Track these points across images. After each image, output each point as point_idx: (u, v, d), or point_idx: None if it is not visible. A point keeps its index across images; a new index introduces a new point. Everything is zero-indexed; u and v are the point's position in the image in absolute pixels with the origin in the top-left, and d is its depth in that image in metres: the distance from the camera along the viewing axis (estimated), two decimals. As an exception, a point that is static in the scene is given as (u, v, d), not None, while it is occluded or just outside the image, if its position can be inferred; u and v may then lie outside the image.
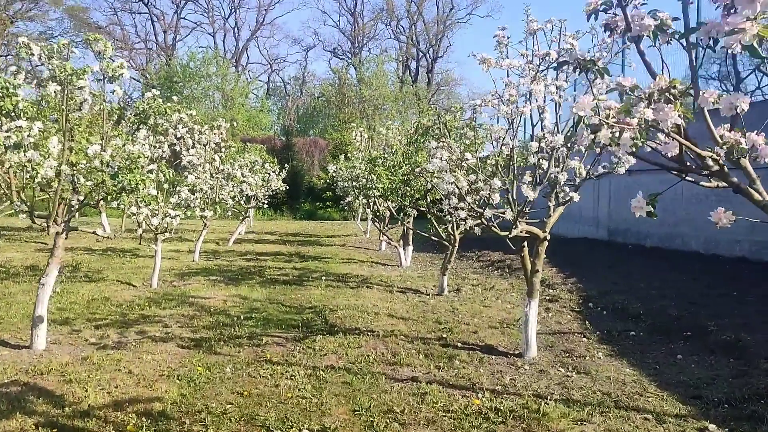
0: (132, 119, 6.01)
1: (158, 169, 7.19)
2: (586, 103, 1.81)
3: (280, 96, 52.17)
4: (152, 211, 8.56)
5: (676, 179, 7.67)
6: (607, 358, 5.57)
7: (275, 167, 18.36)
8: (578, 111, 1.83)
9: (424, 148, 9.17)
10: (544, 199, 5.29)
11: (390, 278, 10.57)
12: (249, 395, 4.40)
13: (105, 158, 5.33)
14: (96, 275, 10.01)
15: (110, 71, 5.45)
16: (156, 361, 5.20)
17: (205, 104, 39.00)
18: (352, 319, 7.09)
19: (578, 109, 1.83)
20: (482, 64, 4.74)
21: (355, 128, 14.06)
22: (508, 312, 7.67)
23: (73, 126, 5.52)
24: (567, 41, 4.86)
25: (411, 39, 50.77)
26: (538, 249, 5.65)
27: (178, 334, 6.20)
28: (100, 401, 4.21)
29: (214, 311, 7.38)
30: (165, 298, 8.13)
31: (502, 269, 11.34)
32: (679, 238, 13.42)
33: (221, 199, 13.11)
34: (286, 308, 7.70)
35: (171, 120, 9.05)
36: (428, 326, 6.83)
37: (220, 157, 12.63)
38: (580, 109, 1.82)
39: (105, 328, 6.38)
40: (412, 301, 8.45)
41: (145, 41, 48.61)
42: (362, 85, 41.01)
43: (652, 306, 7.12)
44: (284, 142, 35.89)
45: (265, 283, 9.62)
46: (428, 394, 4.45)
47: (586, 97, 1.83)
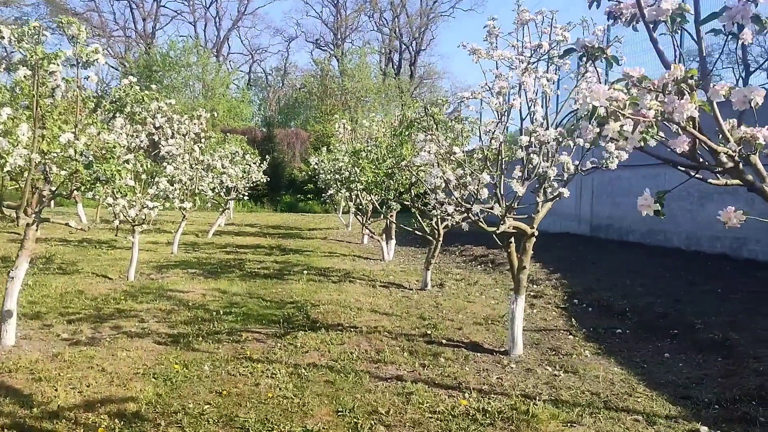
0: (108, 107, 5.77)
1: (136, 160, 6.95)
2: (601, 93, 1.68)
3: (262, 87, 51.66)
4: (129, 202, 8.32)
5: (658, 174, 7.50)
6: (594, 356, 5.49)
7: (256, 159, 18.08)
8: (592, 101, 1.70)
9: (409, 141, 9.03)
10: (531, 195, 5.18)
11: (373, 272, 10.44)
12: (228, 395, 4.24)
13: (78, 147, 5.10)
14: (70, 267, 9.73)
15: (84, 56, 5.22)
16: (131, 359, 5.00)
17: (185, 94, 38.44)
18: (334, 315, 6.94)
19: (593, 98, 1.69)
20: (472, 54, 4.60)
21: (338, 120, 13.86)
22: (492, 308, 7.58)
23: (44, 113, 5.27)
24: (558, 33, 4.76)
25: (394, 31, 50.50)
26: (526, 245, 5.54)
27: (154, 330, 6.00)
28: (71, 401, 4.01)
29: (193, 306, 7.18)
30: (142, 292, 7.90)
31: (485, 264, 11.26)
32: (661, 234, 13.46)
33: (201, 190, 12.86)
34: (266, 303, 7.53)
35: (149, 109, 8.79)
36: (412, 322, 6.71)
37: (200, 147, 12.37)
38: (595, 99, 1.69)
39: (78, 323, 6.15)
40: (396, 296, 8.32)
41: (124, 29, 47.76)
42: (345, 77, 40.72)
43: (638, 303, 7.07)
44: (265, 133, 35.51)
45: (245, 277, 9.43)
46: (414, 394, 4.32)
47: (600, 86, 1.69)
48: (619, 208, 14.88)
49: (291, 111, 45.19)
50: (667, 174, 13.31)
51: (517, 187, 4.61)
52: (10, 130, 4.84)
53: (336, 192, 16.78)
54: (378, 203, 11.51)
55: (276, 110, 46.70)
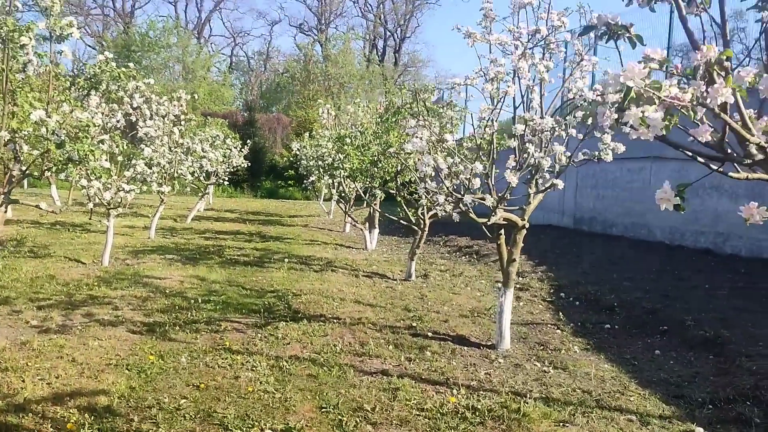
0: (82, 84, 5.48)
1: (111, 140, 6.67)
2: (636, 72, 1.50)
3: (244, 71, 50.92)
4: (104, 184, 8.02)
5: (644, 168, 7.30)
6: (583, 352, 5.38)
7: (237, 143, 17.75)
8: (626, 81, 1.52)
9: (396, 128, 8.83)
10: (521, 186, 5.02)
11: (355, 262, 10.26)
12: (206, 388, 4.04)
13: (50, 125, 4.83)
14: (42, 251, 9.40)
15: (58, 29, 4.93)
16: (103, 348, 4.77)
17: (165, 75, 37.72)
18: (316, 305, 6.76)
19: (626, 78, 1.52)
20: (467, 38, 4.41)
21: (322, 105, 13.59)
22: (478, 300, 7.45)
23: (15, 89, 4.98)
24: (555, 18, 4.59)
25: (379, 18, 50.05)
26: (516, 237, 5.40)
27: (129, 318, 5.76)
28: (39, 393, 3.78)
29: (170, 293, 6.94)
30: (116, 278, 7.63)
31: (470, 255, 11.14)
32: (645, 228, 13.45)
33: (180, 174, 12.55)
34: (246, 291, 7.31)
35: (127, 88, 8.48)
36: (397, 314, 6.55)
37: (180, 130, 12.04)
38: (628, 79, 1.52)
39: (48, 310, 5.89)
40: (379, 286, 8.15)
41: (102, 7, 46.63)
42: (328, 63, 40.29)
43: (626, 298, 6.99)
44: (246, 117, 34.98)
45: (224, 264, 9.19)
46: (400, 390, 4.16)
47: (635, 64, 1.52)
48: (603, 201, 14.86)
49: (273, 96, 44.60)
50: (653, 167, 13.32)
51: (511, 178, 4.45)
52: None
53: (318, 179, 16.56)
54: (362, 191, 11.32)
55: (258, 95, 46.06)
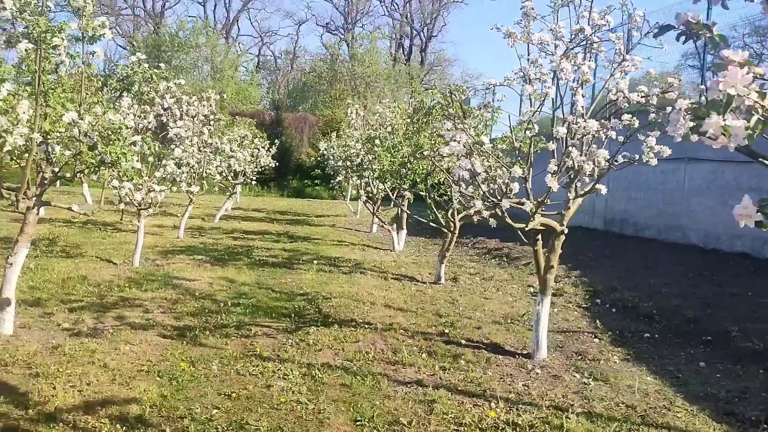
0: (115, 85, 5.46)
1: (143, 142, 6.64)
2: (739, 78, 1.35)
3: (271, 70, 51.13)
4: (135, 185, 8.03)
5: (677, 169, 6.94)
6: (623, 362, 5.18)
7: (265, 143, 17.77)
8: (725, 88, 1.37)
9: (427, 129, 8.69)
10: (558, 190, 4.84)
11: (384, 263, 10.14)
12: (238, 398, 3.96)
13: (83, 127, 4.79)
14: (74, 250, 9.47)
15: (90, 30, 4.89)
16: (134, 353, 4.72)
17: (194, 75, 38.07)
18: (347, 309, 6.65)
19: (726, 85, 1.37)
20: (507, 38, 4.25)
21: (351, 106, 13.50)
22: (510, 306, 7.28)
23: (47, 90, 4.95)
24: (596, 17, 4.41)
25: (405, 17, 49.84)
26: (554, 243, 5.23)
27: (159, 321, 5.72)
28: (70, 401, 3.73)
29: (200, 295, 6.90)
30: (147, 279, 7.62)
31: (499, 258, 10.95)
32: (679, 231, 13.10)
33: (208, 174, 12.57)
34: (276, 294, 7.24)
35: (158, 89, 8.47)
36: (428, 319, 6.41)
37: (209, 130, 12.05)
38: (729, 85, 1.37)
39: (80, 312, 5.88)
40: (409, 290, 8.02)
41: (133, 7, 47.21)
42: (354, 62, 40.22)
43: (665, 305, 6.75)
44: (273, 117, 35.15)
45: (253, 265, 9.14)
46: (437, 402, 4.02)
47: (737, 69, 1.37)
48: (634, 203, 14.54)
49: (300, 95, 44.69)
50: (687, 168, 12.96)
51: (552, 183, 4.28)
52: (10, 108, 4.53)
53: (345, 179, 16.48)
54: (390, 192, 11.19)
55: (285, 94, 46.23)
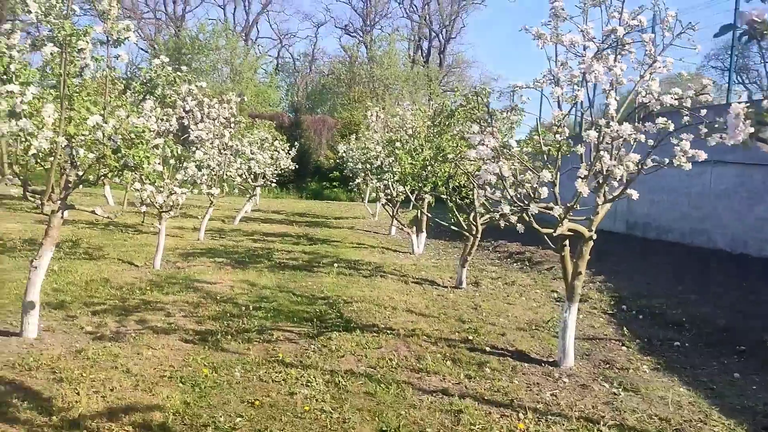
0: (138, 88, 5.44)
1: (165, 144, 6.63)
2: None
3: (289, 72, 51.33)
4: (157, 188, 8.04)
5: (703, 172, 6.70)
6: (653, 372, 5.05)
7: (285, 145, 17.79)
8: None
9: (448, 132, 8.60)
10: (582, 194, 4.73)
11: (404, 267, 10.06)
12: (261, 406, 3.90)
13: (107, 130, 4.78)
14: (96, 252, 9.52)
15: (115, 33, 4.89)
16: (157, 358, 4.69)
17: (213, 77, 38.29)
18: (368, 314, 6.58)
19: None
20: (537, 39, 4.16)
21: (371, 108, 13.43)
22: (534, 311, 7.15)
23: (72, 93, 4.95)
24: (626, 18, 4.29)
25: (424, 18, 49.72)
26: (582, 249, 5.12)
27: (181, 325, 5.69)
28: (93, 407, 3.70)
29: (221, 299, 6.88)
30: (168, 282, 7.62)
31: (521, 262, 10.81)
32: (705, 235, 12.85)
33: (228, 176, 12.60)
34: (297, 298, 7.19)
35: (180, 92, 8.48)
36: (451, 325, 6.32)
37: (230, 132, 12.08)
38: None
39: (103, 315, 5.88)
40: (430, 294, 7.93)
41: (154, 11, 47.68)
42: (373, 64, 40.20)
43: (695, 313, 6.59)
44: (292, 119, 35.25)
45: (273, 268, 9.11)
46: (463, 413, 3.93)
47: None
48: (658, 206, 14.29)
49: (318, 97, 44.81)
50: (714, 171, 12.71)
51: (582, 188, 4.17)
52: (35, 111, 4.53)
53: (363, 182, 16.43)
54: (411, 194, 11.11)
55: (303, 96, 46.36)
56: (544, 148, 4.65)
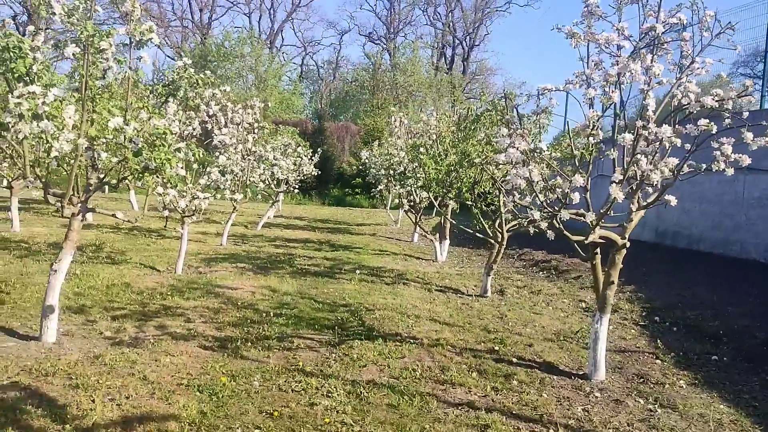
0: (160, 90, 5.38)
1: (187, 148, 6.58)
2: None
3: (313, 79, 51.57)
4: (180, 192, 8.00)
5: (735, 180, 6.36)
6: (691, 387, 4.80)
7: (308, 151, 17.75)
8: None
9: (474, 136, 8.44)
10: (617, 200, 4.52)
11: (427, 274, 9.88)
12: (280, 416, 3.76)
13: (128, 133, 4.71)
14: (119, 257, 9.50)
15: (138, 35, 4.82)
16: (175, 366, 4.59)
17: (238, 84, 38.58)
18: (391, 322, 6.42)
19: None
20: (570, 38, 3.99)
21: (395, 113, 13.31)
22: (562, 321, 6.93)
23: (94, 95, 4.89)
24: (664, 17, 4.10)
25: (448, 26, 49.64)
26: (615, 258, 4.90)
27: (201, 332, 5.60)
28: (108, 416, 3.60)
29: (242, 305, 6.78)
30: (189, 287, 7.55)
31: (547, 270, 10.56)
32: (737, 245, 12.45)
33: (252, 181, 12.56)
34: (318, 304, 7.06)
35: (203, 95, 8.45)
36: (476, 335, 6.13)
37: (253, 138, 12.05)
38: None
39: (122, 320, 5.81)
40: (454, 302, 7.74)
41: (181, 19, 48.34)
42: (396, 71, 40.17)
43: (733, 325, 6.31)
44: (316, 125, 35.30)
45: (295, 274, 9.00)
46: (490, 428, 3.75)
47: None
48: (688, 215, 13.90)
49: (342, 104, 44.90)
50: (747, 179, 12.32)
51: (617, 193, 3.97)
52: (56, 113, 4.47)
53: (386, 188, 16.30)
54: (434, 200, 10.95)
55: (327, 103, 46.50)
56: (575, 152, 4.46)
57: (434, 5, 49.74)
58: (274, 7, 49.90)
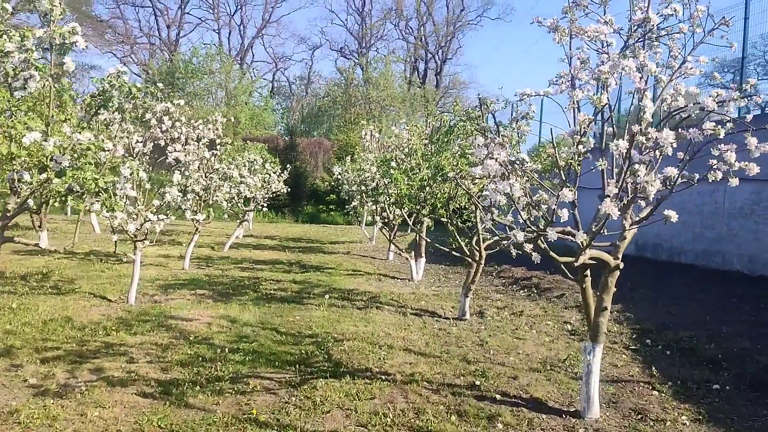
0: (88, 101, 4.75)
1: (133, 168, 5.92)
2: None
3: (285, 95, 50.96)
4: (130, 215, 7.33)
5: (716, 190, 5.76)
6: (695, 425, 4.27)
7: (276, 168, 17.10)
8: None
9: (448, 149, 7.92)
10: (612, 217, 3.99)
11: (402, 296, 9.28)
12: (221, 486, 3.13)
13: (48, 149, 4.07)
14: (67, 286, 8.74)
15: (58, 37, 4.20)
16: (103, 421, 3.92)
17: (208, 102, 37.84)
18: (360, 355, 5.81)
19: None
20: (553, 32, 3.47)
21: (366, 127, 12.77)
22: (547, 347, 6.38)
23: (11, 107, 4.25)
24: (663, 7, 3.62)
25: (420, 40, 49.54)
26: (608, 280, 4.38)
27: (143, 375, 4.92)
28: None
29: (195, 339, 6.11)
30: (139, 319, 6.85)
31: (528, 288, 10.03)
32: (719, 256, 12.12)
33: (215, 201, 11.88)
34: (281, 336, 6.42)
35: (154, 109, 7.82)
36: (455, 366, 5.54)
37: (215, 154, 11.40)
38: None
39: (53, 363, 5.10)
40: (431, 327, 7.16)
41: (149, 36, 47.50)
42: (369, 86, 39.80)
43: (731, 348, 5.82)
44: (288, 142, 34.64)
45: (259, 301, 8.34)
46: (474, 491, 3.16)
47: None
48: (669, 227, 13.41)
49: (314, 120, 44.32)
50: (728, 189, 12.00)
51: (611, 209, 3.44)
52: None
53: (360, 204, 15.74)
54: (408, 217, 10.39)
55: (299, 119, 45.90)
56: (560, 162, 3.93)
57: (405, 19, 49.71)
58: (243, 23, 49.40)
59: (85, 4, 43.29)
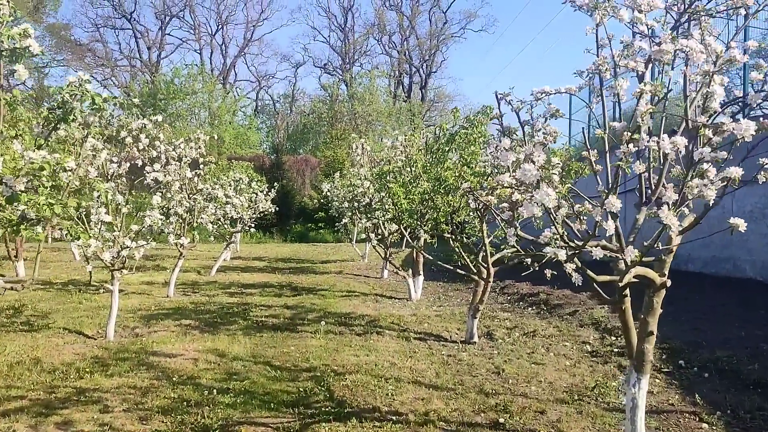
0: (45, 114, 4.13)
1: (102, 191, 5.30)
2: None
3: (270, 114, 50.35)
4: (105, 242, 6.70)
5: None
6: (763, 466, 3.69)
7: (263, 186, 16.47)
8: None
9: (446, 159, 7.36)
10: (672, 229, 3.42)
11: (402, 318, 8.65)
12: None
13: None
14: (40, 321, 8.03)
15: (6, 41, 3.59)
16: (67, 495, 3.26)
17: (191, 122, 37.20)
18: (365, 390, 5.18)
19: None
20: (593, 12, 2.91)
21: (356, 140, 12.20)
22: (570, 373, 5.78)
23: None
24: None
25: (404, 54, 49.30)
26: (653, 301, 3.81)
27: (118, 427, 4.26)
28: None
29: (179, 379, 5.45)
30: (117, 357, 6.18)
31: (536, 305, 9.44)
32: (730, 263, 11.64)
33: (200, 223, 11.24)
34: (275, 371, 5.77)
35: (130, 128, 7.20)
36: (472, 401, 4.92)
37: (198, 174, 10.78)
38: None
39: (14, 417, 4.42)
40: (439, 354, 6.54)
41: (129, 58, 46.82)
42: (354, 101, 39.40)
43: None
44: (273, 160, 34.05)
45: (249, 330, 7.68)
46: None
47: None
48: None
49: (300, 137, 43.77)
50: (736, 192, 11.56)
51: (671, 220, 2.87)
52: None
53: (351, 221, 15.14)
54: (406, 232, 9.79)
55: (284, 137, 45.30)
56: (597, 167, 3.35)
57: (389, 34, 49.49)
58: (225, 43, 48.89)
59: (64, 29, 42.61)
